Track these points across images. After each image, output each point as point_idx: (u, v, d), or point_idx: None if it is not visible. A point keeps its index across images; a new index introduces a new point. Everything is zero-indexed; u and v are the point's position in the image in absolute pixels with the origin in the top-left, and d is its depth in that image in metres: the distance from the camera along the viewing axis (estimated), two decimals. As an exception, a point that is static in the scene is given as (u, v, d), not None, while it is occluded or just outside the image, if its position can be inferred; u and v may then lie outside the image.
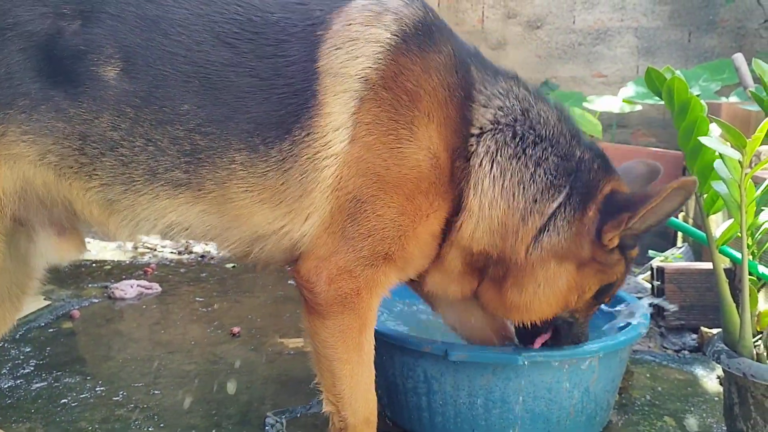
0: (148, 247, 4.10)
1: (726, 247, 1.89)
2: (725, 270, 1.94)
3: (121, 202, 1.60)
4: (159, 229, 1.64)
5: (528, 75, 5.36)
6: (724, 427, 1.88)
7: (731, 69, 4.18)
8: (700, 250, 3.28)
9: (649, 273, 3.05)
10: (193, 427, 2.03)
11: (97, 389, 2.26)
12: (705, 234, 1.79)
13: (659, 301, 2.78)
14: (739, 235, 1.69)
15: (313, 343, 1.65)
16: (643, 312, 2.06)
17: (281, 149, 1.54)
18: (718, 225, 1.84)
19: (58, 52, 1.53)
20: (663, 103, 1.75)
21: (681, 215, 3.59)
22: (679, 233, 3.61)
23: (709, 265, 2.48)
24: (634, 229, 1.60)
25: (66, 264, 2.77)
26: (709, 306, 2.69)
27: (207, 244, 3.91)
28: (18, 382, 2.31)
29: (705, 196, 1.76)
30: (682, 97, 1.67)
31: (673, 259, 3.26)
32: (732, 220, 1.74)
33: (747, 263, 1.70)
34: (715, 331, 2.53)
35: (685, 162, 1.77)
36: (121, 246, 4.09)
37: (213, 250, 3.99)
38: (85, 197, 1.60)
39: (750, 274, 1.74)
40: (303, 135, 1.54)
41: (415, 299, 2.16)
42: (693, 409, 2.17)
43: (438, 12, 1.69)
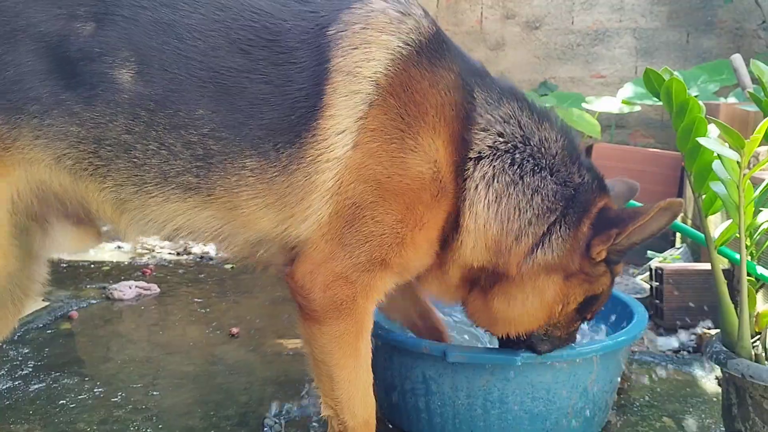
0: (147, 248, 4.10)
1: (724, 248, 1.89)
2: (724, 271, 1.94)
3: (132, 202, 1.59)
4: (166, 231, 1.63)
5: (526, 76, 5.40)
6: (723, 428, 1.88)
7: (730, 70, 4.19)
8: (699, 250, 3.28)
9: (647, 274, 3.05)
10: (191, 427, 2.03)
11: (95, 390, 2.26)
12: (703, 235, 1.79)
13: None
14: (738, 235, 1.68)
15: (309, 348, 1.64)
16: (642, 312, 2.06)
17: (289, 154, 1.54)
18: (717, 226, 1.83)
19: (71, 54, 1.51)
20: (661, 103, 1.75)
21: (680, 216, 3.59)
22: (678, 234, 3.61)
23: (708, 266, 2.49)
24: (620, 245, 1.61)
25: (89, 249, 2.71)
26: (707, 307, 2.69)
27: (206, 245, 3.90)
28: (16, 383, 2.30)
29: (703, 196, 1.76)
30: (681, 98, 1.67)
31: (672, 259, 3.26)
32: (730, 220, 1.73)
33: (745, 264, 1.70)
34: (713, 331, 2.54)
35: (683, 163, 1.77)
36: (119, 247, 4.09)
37: (211, 251, 3.98)
38: (99, 197, 1.60)
39: (748, 274, 1.74)
40: (308, 137, 1.53)
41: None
42: (691, 409, 2.17)
43: (437, 12, 1.70)
